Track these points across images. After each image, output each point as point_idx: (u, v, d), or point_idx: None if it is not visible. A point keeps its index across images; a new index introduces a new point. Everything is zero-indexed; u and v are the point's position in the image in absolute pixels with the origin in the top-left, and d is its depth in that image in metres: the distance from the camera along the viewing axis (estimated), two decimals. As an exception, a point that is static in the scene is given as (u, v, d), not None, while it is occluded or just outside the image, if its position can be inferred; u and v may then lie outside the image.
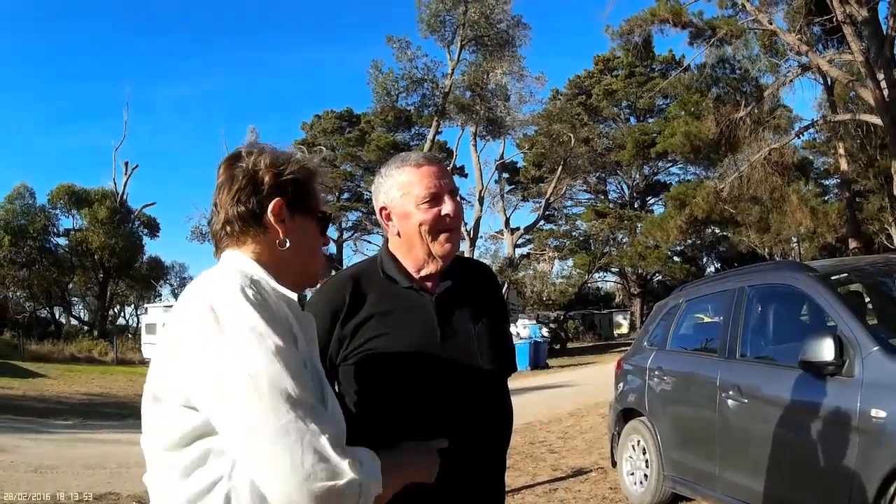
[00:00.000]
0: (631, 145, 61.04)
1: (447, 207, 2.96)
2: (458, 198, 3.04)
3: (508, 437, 3.18)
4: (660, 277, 65.71)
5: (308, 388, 1.98)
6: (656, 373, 8.76)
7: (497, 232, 67.76)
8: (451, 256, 3.04)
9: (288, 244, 2.30)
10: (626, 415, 9.55)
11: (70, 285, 62.56)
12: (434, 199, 2.97)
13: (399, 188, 3.03)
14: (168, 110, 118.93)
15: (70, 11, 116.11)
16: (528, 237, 70.16)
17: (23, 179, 60.17)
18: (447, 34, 46.95)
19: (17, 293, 59.97)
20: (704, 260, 68.49)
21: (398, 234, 3.06)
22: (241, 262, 2.26)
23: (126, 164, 58.19)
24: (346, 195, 79.19)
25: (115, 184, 58.30)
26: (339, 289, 3.05)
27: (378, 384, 2.86)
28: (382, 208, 3.11)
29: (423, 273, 3.05)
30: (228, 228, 2.30)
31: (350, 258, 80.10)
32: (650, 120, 65.80)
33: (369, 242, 79.98)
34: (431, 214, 2.97)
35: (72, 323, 67.46)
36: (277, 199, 2.28)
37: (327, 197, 2.52)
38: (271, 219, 2.28)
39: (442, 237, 2.99)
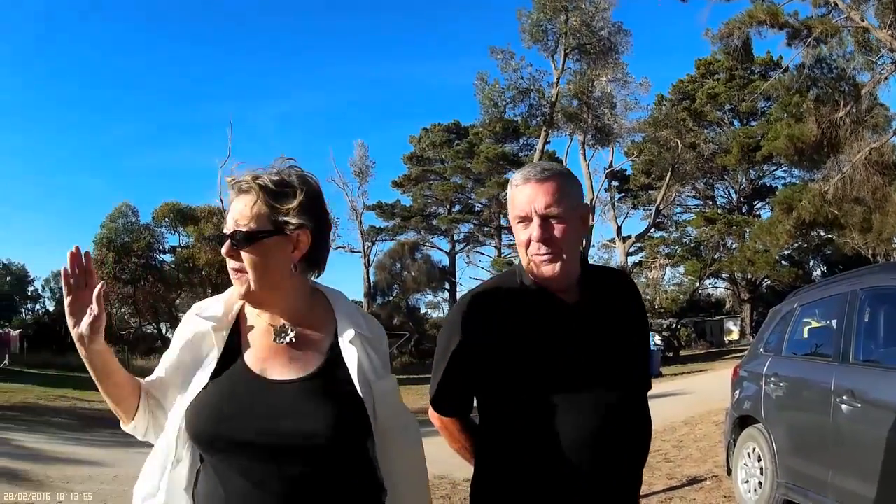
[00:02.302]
0: (736, 149, 59.90)
1: (533, 232, 2.89)
2: (557, 220, 2.90)
3: (647, 451, 3.12)
4: (768, 282, 64.56)
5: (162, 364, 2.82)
6: (772, 379, 8.65)
7: (609, 240, 67.26)
8: (553, 279, 2.93)
9: None
10: (742, 422, 9.47)
11: (177, 301, 61.52)
12: (524, 221, 2.94)
13: (509, 204, 3.03)
14: (272, 128, 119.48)
15: (171, 32, 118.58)
16: (639, 245, 69.27)
17: (125, 198, 60.66)
18: (550, 43, 47.28)
19: (122, 310, 59.79)
20: (811, 263, 67.18)
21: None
22: None
23: (232, 181, 58.41)
24: (457, 207, 79.18)
25: (221, 201, 56.45)
26: (480, 301, 3.08)
27: (518, 395, 2.86)
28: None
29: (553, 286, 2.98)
30: None
31: (463, 270, 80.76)
32: (753, 123, 64.69)
33: (482, 254, 79.64)
34: (524, 236, 2.94)
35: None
36: None
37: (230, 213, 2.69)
38: None
39: (536, 259, 2.92)
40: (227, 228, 2.61)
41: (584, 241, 52.08)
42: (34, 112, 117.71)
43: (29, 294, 71.00)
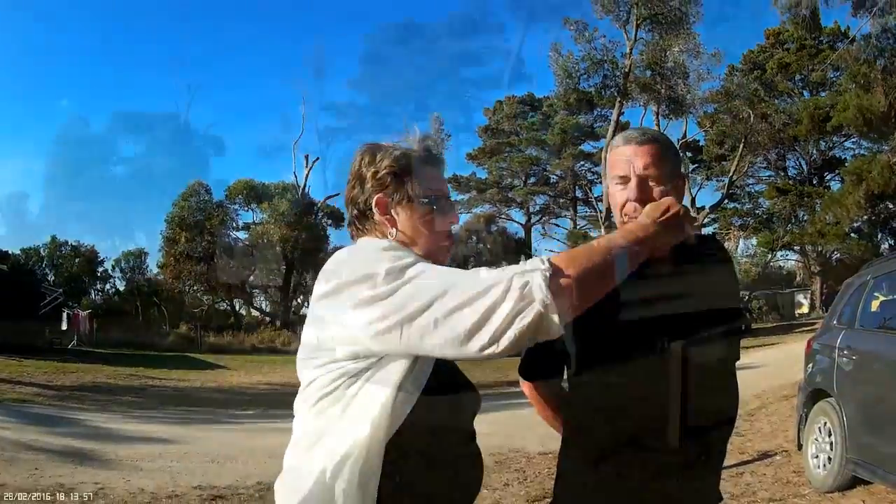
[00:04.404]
0: (806, 120, 58.26)
1: (630, 192, 2.82)
2: (655, 183, 2.82)
3: (733, 423, 3.07)
4: (838, 255, 63.64)
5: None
6: (845, 352, 8.47)
7: (683, 211, 67.14)
8: None
9: (395, 234, 2.44)
10: (814, 396, 9.32)
11: (251, 278, 61.24)
12: (622, 181, 2.87)
13: (609, 166, 2.98)
14: (347, 104, 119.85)
15: (237, 13, 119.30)
16: (713, 216, 67.83)
17: (198, 177, 60.08)
18: (622, 13, 47.35)
19: (195, 287, 60.01)
20: (879, 237, 65.96)
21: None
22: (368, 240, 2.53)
23: (306, 157, 58.26)
24: (532, 179, 78.92)
25: (295, 177, 58.67)
26: None
27: (606, 363, 2.81)
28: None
29: None
30: (353, 228, 2.55)
31: (539, 242, 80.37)
32: (823, 93, 62.91)
33: (557, 226, 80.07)
34: (621, 197, 2.87)
35: (252, 314, 67.23)
36: (378, 196, 2.45)
37: (435, 177, 2.59)
38: (377, 215, 2.45)
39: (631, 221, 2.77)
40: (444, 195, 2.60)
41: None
42: (104, 93, 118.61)
43: (99, 275, 71.46)
